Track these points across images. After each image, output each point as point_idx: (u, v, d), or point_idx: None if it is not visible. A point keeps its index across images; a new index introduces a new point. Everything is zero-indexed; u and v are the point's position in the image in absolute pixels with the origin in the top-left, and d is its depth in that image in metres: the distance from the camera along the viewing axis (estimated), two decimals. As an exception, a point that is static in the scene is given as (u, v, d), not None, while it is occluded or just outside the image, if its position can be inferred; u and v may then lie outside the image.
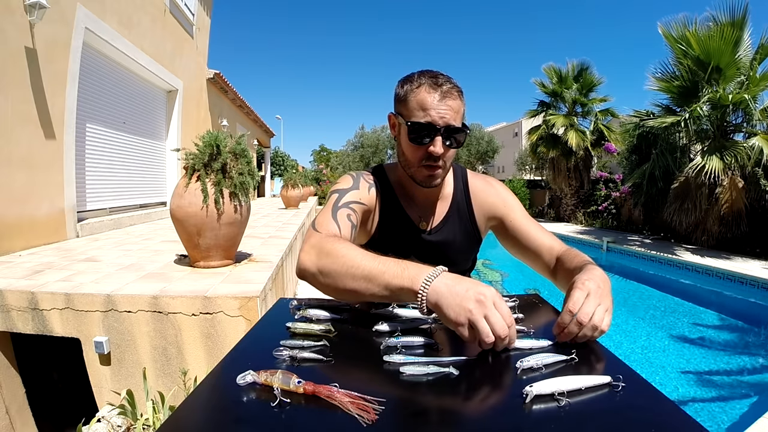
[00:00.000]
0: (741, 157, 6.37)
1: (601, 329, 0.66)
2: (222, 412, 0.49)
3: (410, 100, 0.92)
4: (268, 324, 0.80)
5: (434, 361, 0.57)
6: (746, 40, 6.54)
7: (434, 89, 0.90)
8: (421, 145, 0.91)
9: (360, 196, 0.99)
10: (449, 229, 1.07)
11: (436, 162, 0.92)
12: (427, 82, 0.91)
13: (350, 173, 1.07)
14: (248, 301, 2.16)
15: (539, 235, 1.04)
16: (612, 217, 10.53)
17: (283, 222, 6.17)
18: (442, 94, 0.90)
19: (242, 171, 2.69)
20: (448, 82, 0.91)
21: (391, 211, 1.05)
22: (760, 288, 5.25)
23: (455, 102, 0.91)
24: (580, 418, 0.46)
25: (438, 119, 0.89)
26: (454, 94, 0.91)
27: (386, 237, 1.05)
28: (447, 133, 0.90)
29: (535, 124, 12.19)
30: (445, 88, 0.90)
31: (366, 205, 0.99)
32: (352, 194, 0.98)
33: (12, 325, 2.20)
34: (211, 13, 9.17)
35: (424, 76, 0.92)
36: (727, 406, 2.88)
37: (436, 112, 0.89)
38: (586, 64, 11.21)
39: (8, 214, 3.38)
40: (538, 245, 1.02)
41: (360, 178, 1.04)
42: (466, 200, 1.09)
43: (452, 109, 0.90)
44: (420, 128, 0.90)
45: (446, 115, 0.89)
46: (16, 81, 3.46)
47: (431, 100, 0.89)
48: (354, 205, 0.96)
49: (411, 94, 0.92)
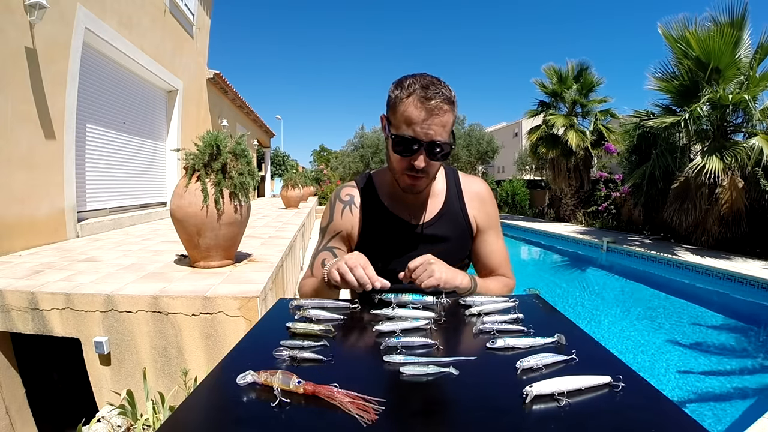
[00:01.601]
0: (741, 157, 6.37)
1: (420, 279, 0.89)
2: (222, 412, 0.49)
3: (398, 110, 0.92)
4: (268, 324, 0.80)
5: (434, 361, 0.57)
6: (746, 40, 6.55)
7: (422, 104, 0.89)
8: (404, 156, 0.94)
9: (335, 227, 1.11)
10: (443, 224, 1.09)
11: (419, 173, 0.95)
12: (416, 95, 0.89)
13: (330, 198, 1.17)
14: (248, 301, 2.16)
15: (497, 257, 1.14)
16: (612, 217, 10.53)
17: (283, 222, 6.17)
18: (428, 110, 0.89)
19: (242, 171, 2.69)
20: (439, 95, 0.89)
21: (378, 215, 1.09)
22: (760, 288, 5.25)
23: (442, 118, 0.90)
24: (580, 418, 0.46)
25: (422, 135, 0.90)
26: (443, 109, 0.90)
27: (378, 239, 1.09)
28: (431, 147, 0.91)
29: (535, 124, 12.19)
30: (433, 104, 0.88)
31: (342, 231, 1.11)
32: (330, 229, 1.12)
33: (12, 325, 2.20)
34: (211, 13, 9.17)
35: (415, 85, 0.91)
36: (727, 406, 2.88)
37: (421, 128, 0.89)
38: (585, 64, 11.21)
39: (8, 214, 3.38)
40: (488, 264, 1.15)
41: (336, 204, 1.13)
42: (459, 196, 1.12)
43: (438, 125, 0.90)
44: (404, 142, 0.92)
45: (431, 132, 0.90)
46: (16, 81, 3.46)
47: (417, 116, 0.89)
48: (333, 242, 1.12)
49: (400, 104, 0.92)
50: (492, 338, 0.66)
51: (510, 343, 0.64)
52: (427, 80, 0.92)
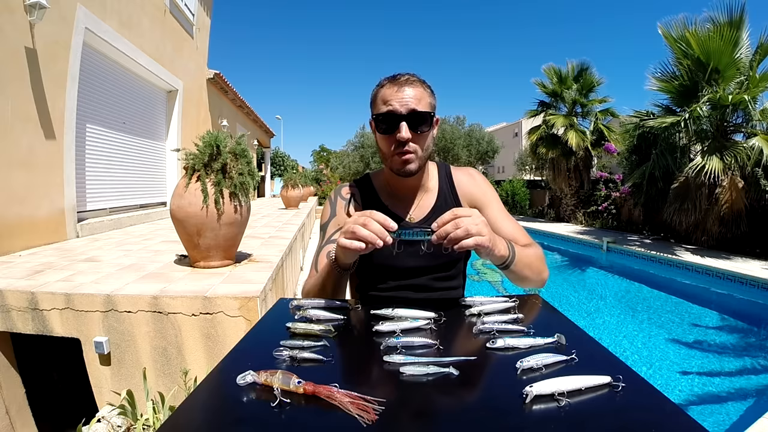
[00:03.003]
0: (741, 158, 6.37)
1: (467, 230, 0.76)
2: (222, 413, 0.49)
3: (376, 99, 1.01)
4: (268, 324, 0.80)
5: (434, 361, 0.57)
6: (745, 40, 6.55)
7: (393, 83, 0.98)
8: (390, 134, 0.97)
9: (339, 221, 1.11)
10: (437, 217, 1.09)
11: (407, 149, 0.98)
12: (388, 81, 1.00)
13: (330, 195, 1.17)
14: (248, 301, 2.16)
15: (508, 228, 1.09)
16: (612, 218, 10.52)
17: (283, 222, 6.17)
18: (400, 84, 0.97)
19: (242, 171, 2.69)
20: (408, 75, 0.99)
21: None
22: (760, 288, 5.25)
23: (415, 89, 0.97)
24: (580, 418, 0.46)
25: (399, 107, 0.95)
26: (414, 83, 0.98)
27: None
28: (411, 118, 0.95)
29: (535, 124, 12.18)
30: (403, 79, 0.97)
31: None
32: (333, 224, 1.11)
33: (12, 325, 2.20)
34: (211, 13, 9.17)
35: (386, 78, 1.01)
36: (727, 406, 2.88)
37: (397, 102, 0.95)
38: (586, 64, 11.21)
39: (8, 214, 3.38)
40: (503, 235, 1.06)
41: (337, 200, 1.14)
42: (451, 189, 1.13)
43: (412, 96, 0.96)
44: (384, 119, 0.97)
45: (408, 102, 0.95)
46: (16, 81, 3.46)
47: (390, 92, 0.97)
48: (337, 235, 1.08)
49: (376, 95, 1.01)
50: (492, 338, 0.66)
51: (510, 343, 0.64)
52: (397, 73, 1.01)
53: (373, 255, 1.00)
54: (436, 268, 1.07)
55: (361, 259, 1.06)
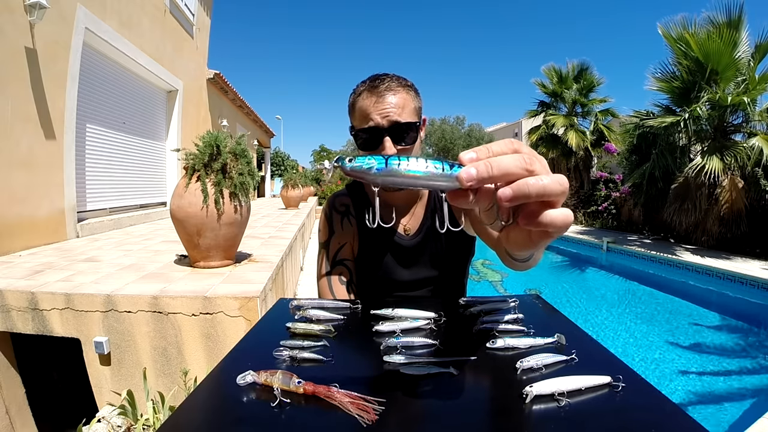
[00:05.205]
0: (741, 158, 6.37)
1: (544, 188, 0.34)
2: (222, 413, 0.49)
3: (355, 110, 0.92)
4: (268, 324, 0.80)
5: (434, 361, 0.57)
6: (744, 41, 6.55)
7: (372, 92, 0.88)
8: (372, 150, 0.89)
9: (340, 238, 1.03)
10: (432, 228, 1.05)
11: None
12: (366, 88, 0.90)
13: (325, 209, 1.09)
14: (248, 301, 2.16)
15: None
16: (612, 218, 10.52)
17: (283, 222, 6.17)
18: (379, 94, 0.88)
19: (242, 171, 2.69)
20: (388, 80, 0.89)
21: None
22: (760, 288, 5.25)
23: (397, 96, 0.88)
24: (580, 419, 0.46)
25: (381, 120, 0.87)
26: (394, 88, 0.88)
27: (375, 246, 1.05)
28: (395, 131, 0.87)
29: (535, 124, 12.19)
30: (383, 87, 0.88)
31: (346, 241, 1.03)
32: (334, 242, 1.02)
33: (12, 325, 2.20)
34: (211, 13, 9.17)
35: (365, 82, 0.91)
36: (727, 406, 2.88)
37: (378, 114, 0.87)
38: (586, 64, 11.23)
39: (8, 214, 3.38)
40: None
41: (333, 215, 1.06)
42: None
43: (394, 104, 0.87)
44: (365, 135, 0.88)
45: (390, 113, 0.86)
46: (16, 81, 3.46)
47: (369, 104, 0.88)
48: (342, 253, 1.01)
49: (353, 105, 0.92)
50: (492, 338, 0.65)
51: (510, 343, 0.64)
52: (376, 75, 0.91)
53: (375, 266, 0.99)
54: (435, 280, 1.03)
55: (361, 272, 1.05)
